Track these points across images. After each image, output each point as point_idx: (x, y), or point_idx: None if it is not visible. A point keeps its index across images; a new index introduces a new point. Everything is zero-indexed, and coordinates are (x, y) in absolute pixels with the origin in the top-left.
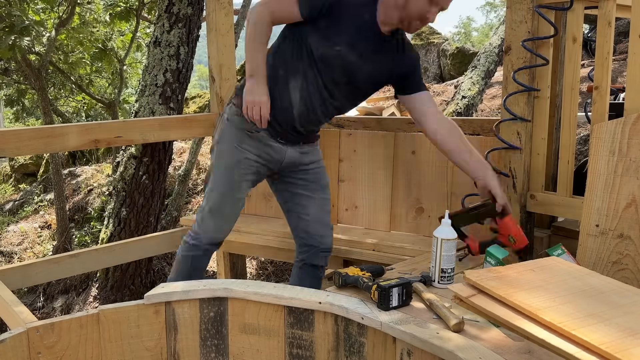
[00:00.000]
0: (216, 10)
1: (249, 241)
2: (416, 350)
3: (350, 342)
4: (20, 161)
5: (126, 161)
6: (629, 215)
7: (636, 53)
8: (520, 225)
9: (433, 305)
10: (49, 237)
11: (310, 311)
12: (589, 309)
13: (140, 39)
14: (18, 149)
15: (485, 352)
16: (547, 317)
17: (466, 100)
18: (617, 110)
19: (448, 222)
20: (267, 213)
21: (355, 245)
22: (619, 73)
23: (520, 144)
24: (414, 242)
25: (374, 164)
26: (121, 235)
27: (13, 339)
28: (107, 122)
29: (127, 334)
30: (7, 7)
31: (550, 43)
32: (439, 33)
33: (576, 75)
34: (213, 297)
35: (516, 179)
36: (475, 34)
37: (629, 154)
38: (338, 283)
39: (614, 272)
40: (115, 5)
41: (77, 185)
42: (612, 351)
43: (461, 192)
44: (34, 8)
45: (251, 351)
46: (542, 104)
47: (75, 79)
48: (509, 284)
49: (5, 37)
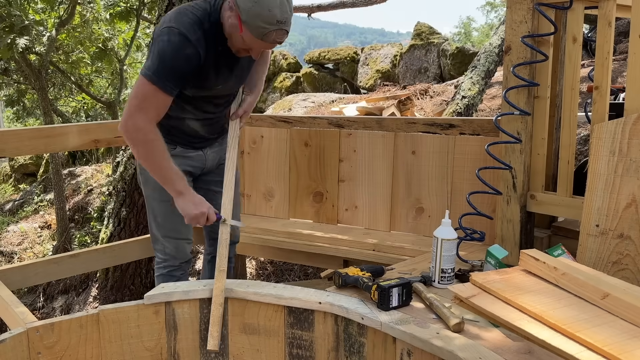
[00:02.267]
0: None
1: (249, 241)
2: (416, 350)
3: (350, 342)
4: (20, 161)
5: (126, 161)
6: (629, 215)
7: (636, 53)
8: (520, 225)
9: (433, 305)
10: (49, 237)
11: (310, 311)
12: (592, 311)
13: (140, 39)
14: (18, 149)
15: (485, 352)
16: (552, 319)
17: (466, 100)
18: (617, 110)
19: (448, 222)
20: (267, 213)
21: (355, 245)
22: (619, 73)
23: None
24: (414, 242)
25: (374, 164)
26: (121, 235)
27: (13, 339)
28: (107, 122)
29: (127, 334)
30: (7, 7)
31: (550, 42)
32: (439, 33)
33: (576, 75)
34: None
35: (516, 179)
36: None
37: (629, 154)
38: (338, 283)
39: (614, 272)
40: (115, 5)
41: (77, 185)
42: (616, 353)
43: (461, 192)
44: (34, 8)
45: (251, 351)
46: (542, 103)
47: (76, 79)
48: (514, 286)
49: (4, 37)
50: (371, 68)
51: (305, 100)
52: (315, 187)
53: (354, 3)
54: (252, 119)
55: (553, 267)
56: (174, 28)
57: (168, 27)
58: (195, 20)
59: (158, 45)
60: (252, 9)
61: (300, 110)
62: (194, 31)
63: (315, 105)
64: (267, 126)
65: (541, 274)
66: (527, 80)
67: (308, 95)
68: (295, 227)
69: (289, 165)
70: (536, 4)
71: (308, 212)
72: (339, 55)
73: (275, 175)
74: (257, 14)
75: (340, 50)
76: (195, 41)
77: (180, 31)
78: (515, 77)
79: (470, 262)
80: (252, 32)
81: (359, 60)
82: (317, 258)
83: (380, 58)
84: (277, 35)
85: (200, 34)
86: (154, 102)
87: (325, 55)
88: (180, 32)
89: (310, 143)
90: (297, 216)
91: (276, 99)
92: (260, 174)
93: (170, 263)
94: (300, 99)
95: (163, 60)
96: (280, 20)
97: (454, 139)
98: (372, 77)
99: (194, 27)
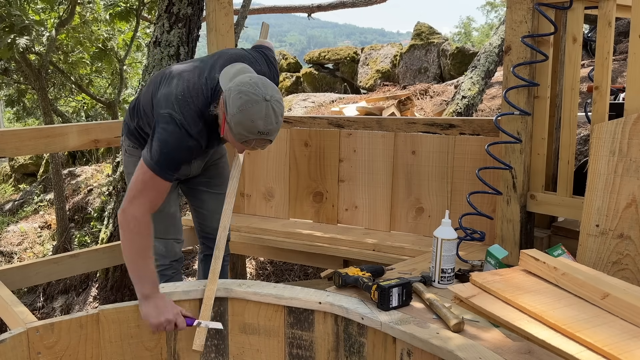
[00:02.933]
0: (216, 10)
1: (249, 241)
2: (416, 350)
3: (350, 342)
4: (20, 161)
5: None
6: (629, 215)
7: (636, 53)
8: (520, 225)
9: (433, 305)
10: (49, 237)
11: (310, 311)
12: (592, 311)
13: (140, 39)
14: (18, 149)
15: (485, 352)
16: (552, 319)
17: (466, 100)
18: (617, 110)
19: (448, 222)
20: (267, 213)
21: (355, 245)
22: (619, 73)
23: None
24: (414, 242)
25: (374, 164)
26: None
27: (13, 339)
28: (107, 122)
29: (127, 334)
30: (7, 7)
31: (550, 42)
32: (439, 33)
33: (576, 75)
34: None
35: (516, 179)
36: (475, 34)
37: (629, 154)
38: (338, 283)
39: (614, 272)
40: (115, 5)
41: (77, 185)
42: (616, 353)
43: (461, 192)
44: (34, 8)
45: (251, 351)
46: (542, 103)
47: (75, 79)
48: (514, 286)
49: (4, 37)
50: (371, 68)
51: (305, 100)
52: (315, 187)
53: (354, 3)
54: None
55: (553, 267)
56: (176, 117)
57: (170, 115)
58: (197, 112)
59: (160, 134)
60: (236, 115)
61: (300, 110)
62: (195, 123)
63: (315, 105)
64: None
65: (541, 274)
66: (527, 80)
67: (308, 95)
68: (295, 227)
69: (289, 165)
70: (536, 4)
71: (308, 212)
72: (339, 55)
73: (275, 175)
74: (239, 121)
75: (340, 50)
76: (196, 134)
77: (182, 123)
78: (515, 77)
79: (470, 262)
80: (234, 136)
81: (359, 60)
82: (317, 258)
83: (380, 58)
84: (258, 143)
85: (201, 125)
86: (155, 189)
87: (325, 55)
88: (183, 124)
89: (310, 143)
90: (297, 216)
91: None
92: (260, 174)
93: (161, 262)
94: (300, 99)
95: (165, 151)
96: (263, 132)
97: (454, 139)
98: (372, 77)
99: (195, 119)
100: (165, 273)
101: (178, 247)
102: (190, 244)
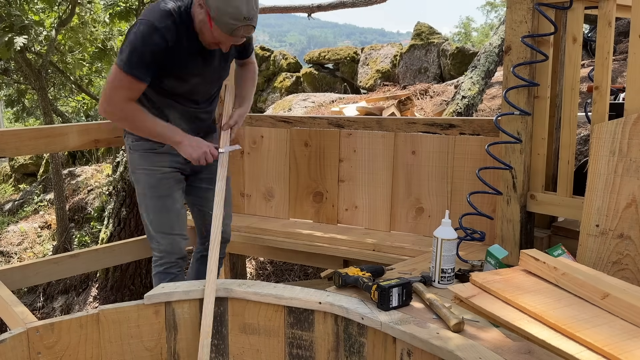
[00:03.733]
0: None
1: (249, 241)
2: (416, 350)
3: (350, 342)
4: (20, 161)
5: (126, 161)
6: (629, 215)
7: (636, 53)
8: (520, 225)
9: (433, 305)
10: (49, 237)
11: (310, 311)
12: (592, 311)
13: None
14: (18, 149)
15: (485, 352)
16: (552, 319)
17: (466, 100)
18: (617, 110)
19: (448, 222)
20: (267, 213)
21: (355, 245)
22: (619, 73)
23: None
24: (414, 242)
25: (374, 164)
26: (121, 235)
27: (13, 339)
28: (107, 122)
29: (127, 334)
30: (7, 7)
31: (550, 42)
32: (439, 33)
33: (576, 75)
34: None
35: (516, 179)
36: (475, 34)
37: (629, 154)
38: (338, 283)
39: (614, 272)
40: (115, 5)
41: (77, 185)
42: (616, 353)
43: (461, 192)
44: (33, 8)
45: (251, 351)
46: (542, 103)
47: (75, 79)
48: (514, 286)
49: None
50: (371, 68)
51: (305, 100)
52: (315, 187)
53: (354, 3)
54: (252, 119)
55: (553, 267)
56: (143, 20)
57: (139, 21)
58: (165, 11)
59: (129, 37)
60: (220, 7)
61: (300, 110)
62: (162, 20)
63: (315, 105)
64: (267, 126)
65: (541, 274)
66: (527, 80)
67: (308, 95)
68: (295, 227)
69: (289, 165)
70: (536, 4)
71: (308, 212)
72: (339, 55)
73: (275, 175)
74: (225, 11)
75: (340, 50)
76: (162, 28)
77: (148, 21)
78: (515, 77)
79: (470, 262)
80: (222, 29)
81: (359, 60)
82: (317, 258)
83: (380, 58)
84: (245, 30)
85: (169, 22)
86: (126, 88)
87: (325, 55)
88: (149, 21)
89: (310, 143)
90: (297, 216)
91: (276, 99)
92: (260, 174)
93: (166, 260)
94: (300, 99)
95: (133, 49)
96: (247, 17)
97: (454, 139)
98: (372, 77)
99: (162, 16)
100: (171, 271)
101: (183, 243)
102: (190, 244)
